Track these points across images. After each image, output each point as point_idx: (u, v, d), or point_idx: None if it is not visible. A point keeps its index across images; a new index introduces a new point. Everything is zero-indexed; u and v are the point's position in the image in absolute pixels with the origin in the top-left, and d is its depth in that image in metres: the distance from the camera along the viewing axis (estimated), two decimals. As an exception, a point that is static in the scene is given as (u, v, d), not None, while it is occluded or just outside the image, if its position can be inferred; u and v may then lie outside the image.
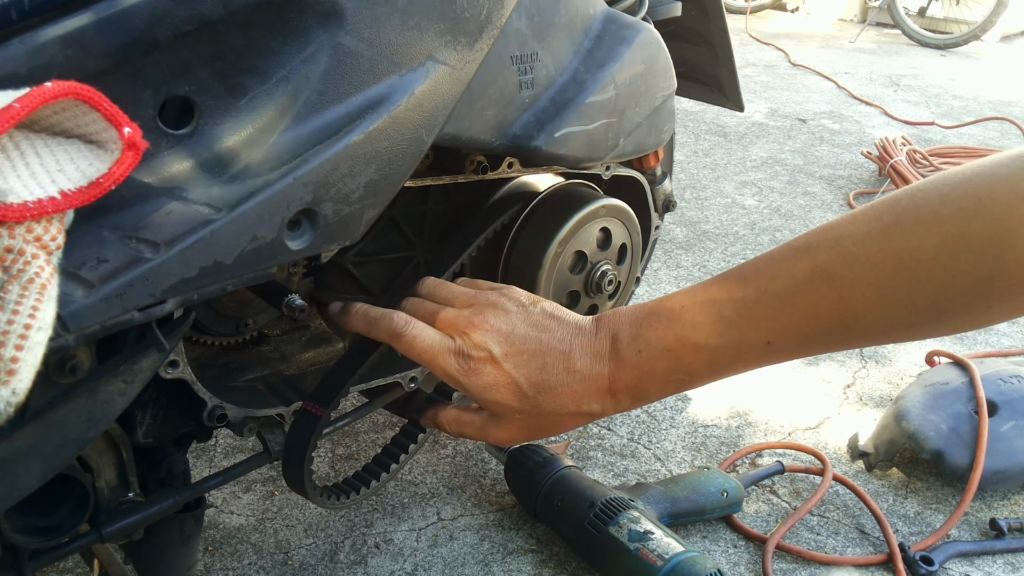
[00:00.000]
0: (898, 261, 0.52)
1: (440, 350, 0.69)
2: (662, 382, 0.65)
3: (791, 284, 0.57)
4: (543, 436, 0.71)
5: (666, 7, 1.12)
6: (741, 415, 1.46)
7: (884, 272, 0.53)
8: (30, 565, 0.72)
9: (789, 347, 0.59)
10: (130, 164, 0.48)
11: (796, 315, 0.57)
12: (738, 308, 0.60)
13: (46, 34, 0.51)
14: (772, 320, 0.58)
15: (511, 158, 0.90)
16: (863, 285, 0.54)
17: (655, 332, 0.64)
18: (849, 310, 0.55)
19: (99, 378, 0.59)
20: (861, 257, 0.54)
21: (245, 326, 0.94)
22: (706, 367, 0.63)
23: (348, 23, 0.62)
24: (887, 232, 0.53)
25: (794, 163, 2.77)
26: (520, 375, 0.67)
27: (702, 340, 0.61)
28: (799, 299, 0.57)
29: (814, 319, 0.57)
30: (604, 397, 0.67)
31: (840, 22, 5.93)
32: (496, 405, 0.68)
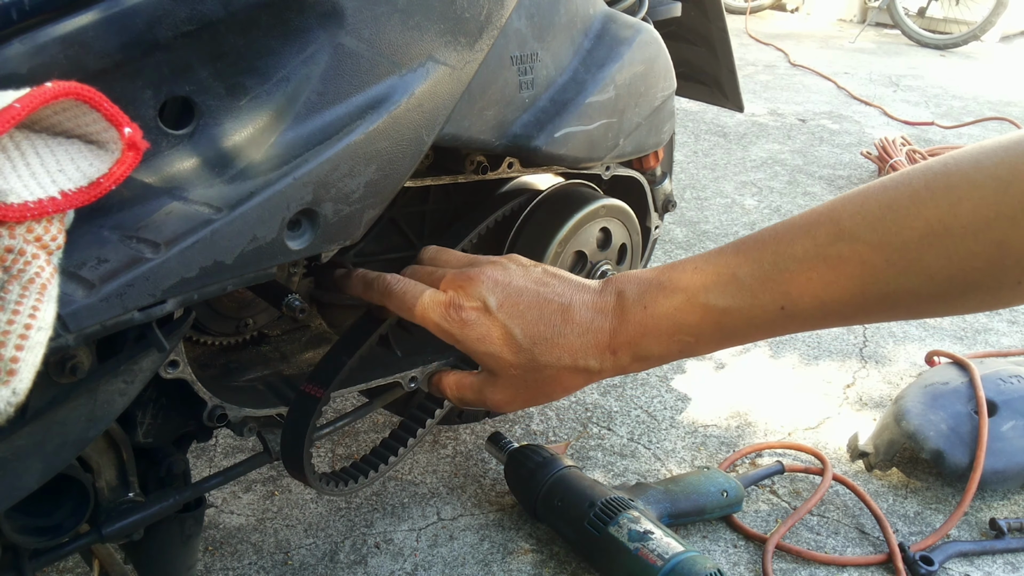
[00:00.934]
0: (927, 227, 0.50)
1: (431, 303, 0.67)
2: (666, 342, 0.62)
3: (812, 248, 0.55)
4: (541, 397, 0.68)
5: (666, 7, 1.12)
6: (741, 415, 1.46)
7: (911, 238, 0.50)
8: (30, 565, 0.72)
9: (804, 315, 0.56)
10: (130, 164, 0.48)
11: (815, 280, 0.54)
12: (753, 270, 0.57)
13: (46, 34, 0.51)
14: (788, 284, 0.56)
15: (511, 158, 0.90)
16: (888, 251, 0.51)
17: (664, 290, 0.62)
18: (871, 277, 0.52)
19: (99, 378, 0.59)
20: (888, 222, 0.51)
21: (245, 326, 0.94)
22: (714, 330, 0.60)
23: (348, 23, 0.62)
24: (917, 197, 0.50)
25: (794, 163, 2.77)
26: (515, 325, 0.65)
27: (713, 300, 0.59)
28: (819, 264, 0.54)
29: (833, 285, 0.54)
30: (603, 353, 0.64)
31: (840, 22, 5.93)
32: (490, 358, 0.66)
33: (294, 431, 0.78)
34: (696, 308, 0.60)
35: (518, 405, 0.69)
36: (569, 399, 1.46)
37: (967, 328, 1.79)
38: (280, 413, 0.83)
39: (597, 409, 1.44)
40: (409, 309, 0.68)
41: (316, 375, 0.79)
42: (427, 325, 0.67)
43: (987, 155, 0.49)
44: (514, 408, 0.70)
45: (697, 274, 0.60)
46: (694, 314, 0.60)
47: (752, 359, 1.63)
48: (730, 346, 0.61)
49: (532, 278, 0.67)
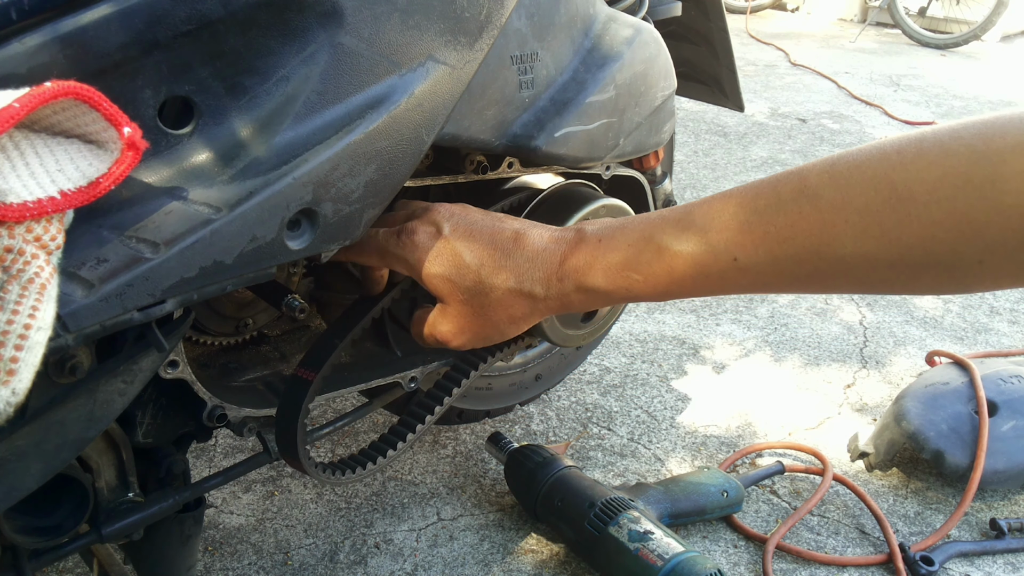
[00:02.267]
0: (891, 190, 0.49)
1: (384, 235, 0.68)
2: (613, 276, 0.62)
3: (774, 201, 0.54)
4: (489, 328, 0.69)
5: (666, 7, 1.12)
6: (741, 415, 1.46)
7: (874, 201, 0.49)
8: (30, 565, 0.72)
9: (756, 269, 0.55)
10: (130, 164, 0.48)
11: (771, 234, 0.54)
12: (713, 218, 0.57)
13: (46, 34, 0.51)
14: (743, 234, 0.55)
15: (511, 158, 0.90)
16: (849, 211, 0.50)
17: (622, 229, 0.62)
18: (829, 237, 0.51)
19: (99, 378, 0.59)
20: (854, 181, 0.51)
21: (245, 326, 0.94)
22: (664, 273, 0.59)
23: (348, 23, 0.62)
24: (886, 159, 0.50)
25: (794, 163, 2.76)
26: (464, 248, 0.66)
27: (667, 242, 0.58)
28: (778, 217, 0.53)
29: (789, 242, 0.53)
30: (550, 279, 0.64)
31: (840, 22, 5.93)
32: (439, 280, 0.67)
33: (287, 416, 0.77)
34: (649, 247, 0.59)
35: (468, 337, 0.69)
36: (569, 399, 1.46)
37: (967, 328, 1.79)
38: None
39: (597, 409, 1.44)
40: (365, 250, 0.69)
41: (308, 359, 0.78)
42: (387, 259, 0.68)
43: (966, 127, 0.49)
44: (465, 342, 0.70)
45: (659, 218, 0.60)
46: (646, 252, 0.60)
47: (752, 359, 1.63)
48: (677, 297, 0.61)
49: (491, 216, 0.69)
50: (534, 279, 0.65)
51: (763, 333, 1.73)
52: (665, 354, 1.63)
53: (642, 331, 1.71)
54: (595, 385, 1.51)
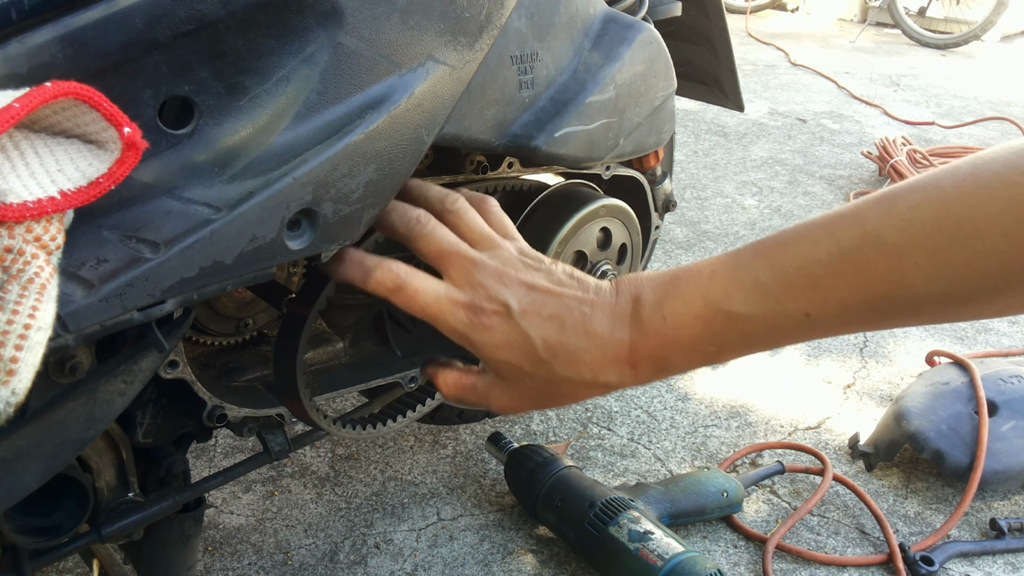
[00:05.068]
0: (956, 228, 0.48)
1: (447, 303, 0.62)
2: (687, 353, 0.59)
3: (836, 251, 0.52)
4: (549, 406, 0.65)
5: (666, 7, 1.12)
6: (741, 415, 1.46)
7: (940, 240, 0.48)
8: (30, 565, 0.72)
9: (829, 320, 0.54)
10: (130, 164, 0.48)
11: (840, 285, 0.52)
12: (777, 275, 0.55)
13: (46, 34, 0.51)
14: (814, 289, 0.53)
15: (511, 158, 0.90)
16: (917, 253, 0.49)
17: (682, 297, 0.58)
18: (899, 281, 0.50)
19: (99, 378, 0.59)
20: (916, 223, 0.50)
21: (245, 326, 0.94)
22: (737, 338, 0.57)
23: (348, 23, 0.62)
24: (945, 197, 0.49)
25: (794, 163, 2.77)
26: (536, 335, 0.60)
27: (735, 308, 0.56)
28: (845, 267, 0.52)
29: (860, 290, 0.52)
30: (623, 367, 0.61)
31: (840, 22, 5.93)
32: (505, 366, 0.62)
33: (284, 354, 0.76)
34: (718, 316, 0.57)
35: (523, 411, 0.66)
36: (569, 399, 1.46)
37: (967, 328, 1.79)
38: (280, 413, 0.83)
39: (597, 409, 1.44)
40: (421, 310, 0.62)
41: (300, 295, 0.78)
42: (440, 327, 0.63)
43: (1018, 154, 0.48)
44: (518, 412, 0.67)
45: (716, 280, 0.57)
46: (717, 323, 0.57)
47: (752, 359, 1.63)
48: (752, 353, 0.59)
49: (554, 280, 0.63)
50: (608, 368, 0.61)
51: (763, 333, 1.73)
52: (665, 354, 1.63)
53: (642, 331, 1.71)
54: (595, 385, 1.51)
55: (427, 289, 0.62)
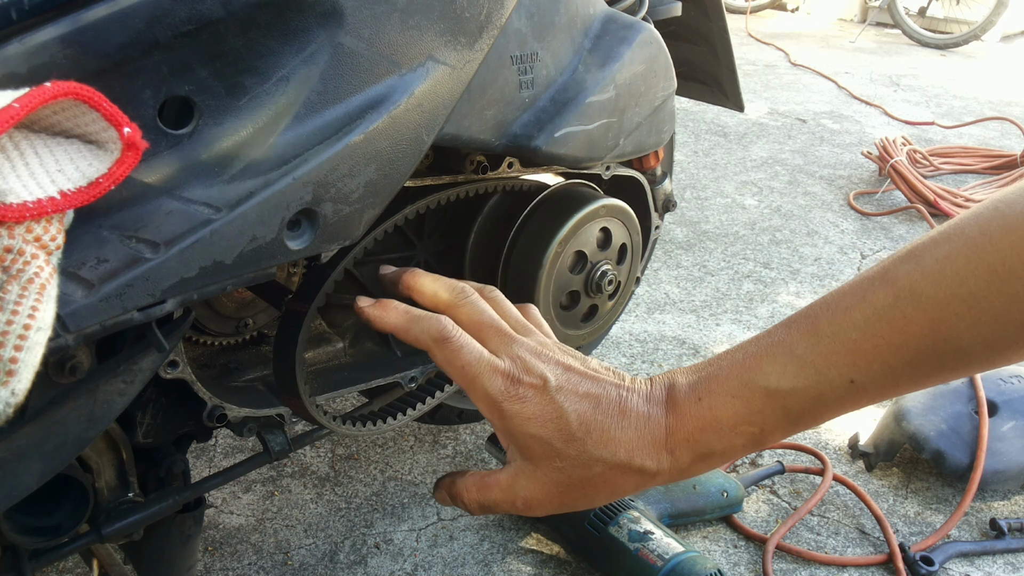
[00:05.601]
0: (991, 273, 0.48)
1: (487, 367, 0.59)
2: (728, 434, 0.56)
3: (871, 313, 0.51)
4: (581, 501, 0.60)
5: (666, 7, 1.12)
6: (741, 415, 1.46)
7: (977, 287, 0.48)
8: (30, 565, 0.72)
9: (876, 384, 0.52)
10: (130, 164, 0.48)
11: (881, 346, 0.51)
12: (813, 344, 0.53)
13: (46, 34, 0.51)
14: (854, 354, 0.52)
15: (511, 158, 0.90)
16: (955, 303, 0.49)
17: (717, 378, 0.56)
18: (941, 334, 0.49)
19: (99, 378, 0.59)
20: (949, 274, 0.49)
21: (245, 326, 0.94)
22: (780, 415, 0.55)
23: (348, 23, 0.62)
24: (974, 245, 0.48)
25: (794, 163, 2.77)
26: (571, 409, 0.58)
27: (774, 383, 0.54)
28: (883, 327, 0.51)
29: (902, 348, 0.51)
30: (660, 451, 0.57)
31: (840, 22, 5.93)
32: (536, 442, 0.58)
33: (283, 350, 0.76)
34: (757, 394, 0.54)
35: (553, 507, 0.60)
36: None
37: (967, 328, 1.79)
38: (280, 413, 0.83)
39: (597, 409, 1.44)
40: (460, 369, 0.59)
41: (299, 292, 0.78)
42: (474, 393, 0.59)
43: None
44: (548, 511, 0.61)
45: (750, 358, 0.55)
46: (755, 400, 0.55)
47: (752, 359, 1.63)
48: (798, 431, 0.56)
49: (589, 367, 0.61)
50: (644, 451, 0.58)
51: (763, 333, 1.73)
52: (665, 354, 1.63)
53: (642, 331, 1.71)
54: (595, 385, 1.51)
55: (471, 348, 0.60)
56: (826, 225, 2.28)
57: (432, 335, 0.60)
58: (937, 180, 2.61)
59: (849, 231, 2.25)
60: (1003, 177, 2.58)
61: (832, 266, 2.04)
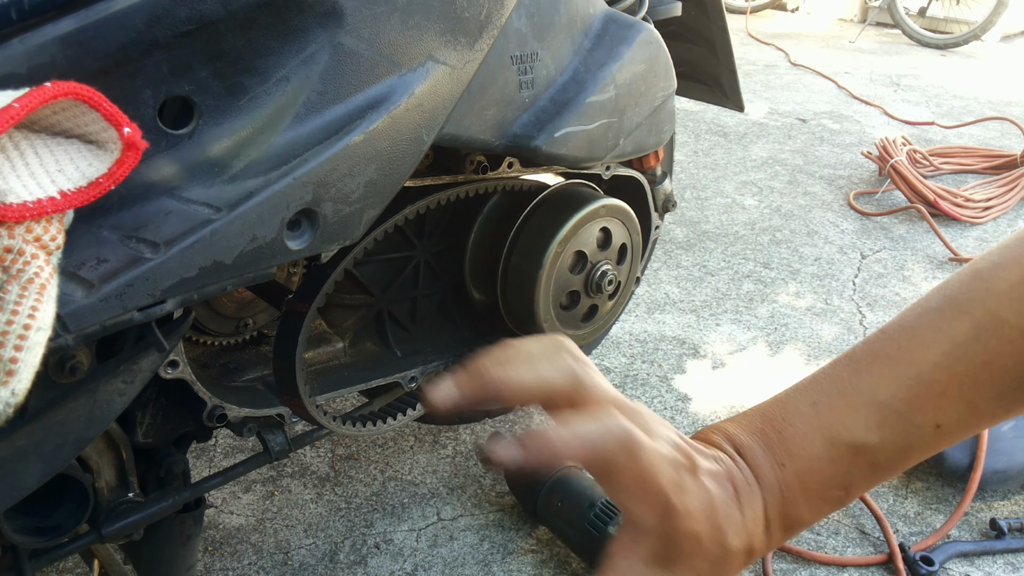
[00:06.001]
0: None
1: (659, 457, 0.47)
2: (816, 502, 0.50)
3: (952, 348, 0.48)
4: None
5: (666, 7, 1.12)
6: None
7: None
8: (30, 565, 0.72)
9: (960, 426, 0.49)
10: (130, 164, 0.48)
11: (968, 384, 0.47)
12: (897, 389, 0.49)
13: (46, 34, 0.51)
14: (940, 396, 0.48)
15: (511, 158, 0.90)
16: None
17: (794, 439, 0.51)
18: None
19: (99, 378, 0.59)
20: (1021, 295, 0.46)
21: (245, 326, 0.94)
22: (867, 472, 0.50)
23: (348, 23, 0.62)
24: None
25: (794, 163, 2.76)
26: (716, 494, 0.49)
27: (861, 438, 0.49)
28: (968, 364, 0.48)
29: (989, 384, 0.47)
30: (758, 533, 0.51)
31: (840, 22, 5.93)
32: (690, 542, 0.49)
33: (284, 350, 0.77)
34: (844, 452, 0.49)
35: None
36: (569, 399, 1.46)
37: (967, 328, 1.79)
38: (280, 413, 0.83)
39: (597, 409, 1.44)
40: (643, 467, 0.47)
41: (299, 292, 0.78)
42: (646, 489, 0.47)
43: None
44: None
45: (825, 411, 0.51)
46: (843, 461, 0.50)
47: (752, 359, 1.63)
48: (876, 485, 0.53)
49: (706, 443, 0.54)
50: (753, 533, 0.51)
51: (763, 333, 1.73)
52: (665, 354, 1.63)
53: (642, 331, 1.71)
54: (595, 385, 1.51)
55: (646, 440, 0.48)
56: (826, 225, 2.28)
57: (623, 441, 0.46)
58: (937, 180, 2.61)
59: (849, 231, 2.25)
60: (1003, 177, 2.58)
61: (832, 266, 2.04)
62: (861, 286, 1.95)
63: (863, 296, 1.91)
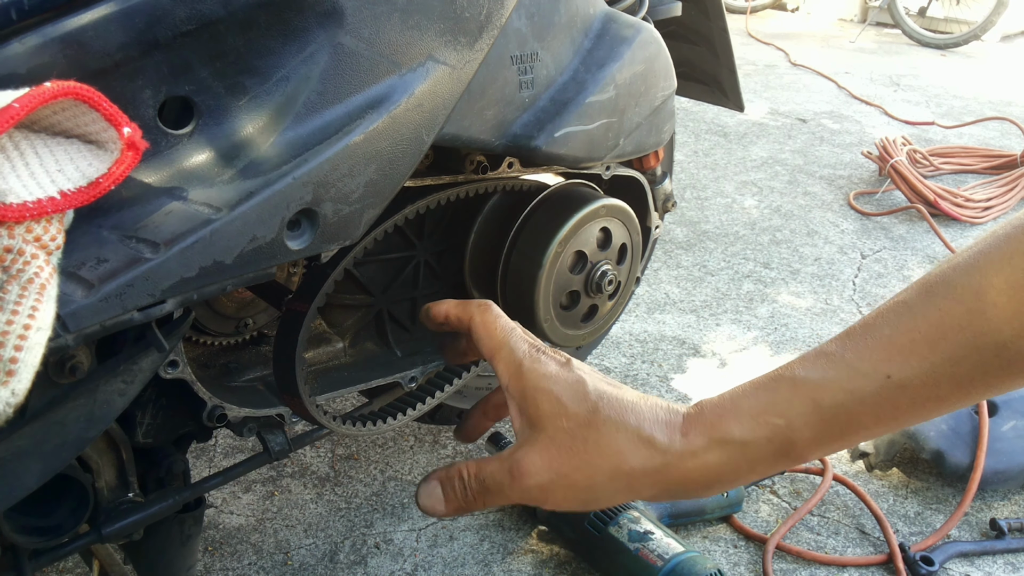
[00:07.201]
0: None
1: (518, 335, 0.59)
2: (749, 423, 0.53)
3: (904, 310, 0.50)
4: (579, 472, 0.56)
5: (666, 7, 1.12)
6: (741, 415, 1.46)
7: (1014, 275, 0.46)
8: (30, 565, 0.72)
9: (915, 381, 0.49)
10: (130, 164, 0.48)
11: (917, 340, 0.49)
12: (843, 342, 0.51)
13: (46, 34, 0.51)
14: (887, 349, 0.50)
15: (511, 158, 0.90)
16: (992, 293, 0.47)
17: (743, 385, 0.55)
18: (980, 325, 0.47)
19: (99, 378, 0.59)
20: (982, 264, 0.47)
21: (245, 326, 0.94)
22: (810, 409, 0.51)
23: (348, 23, 0.62)
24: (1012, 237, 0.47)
25: (794, 163, 2.76)
26: (589, 379, 0.57)
27: (801, 373, 0.52)
28: (918, 322, 0.49)
29: (940, 342, 0.48)
30: (673, 431, 0.54)
31: (840, 22, 5.93)
32: (546, 398, 0.56)
33: (284, 350, 0.77)
34: (782, 384, 0.52)
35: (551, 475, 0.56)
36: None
37: (967, 328, 1.79)
38: (280, 413, 0.83)
39: (597, 409, 1.44)
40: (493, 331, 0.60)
41: (299, 292, 0.78)
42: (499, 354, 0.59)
43: None
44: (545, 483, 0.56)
45: (783, 364, 0.54)
46: (781, 390, 0.52)
47: (753, 358, 1.63)
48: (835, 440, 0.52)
49: None
50: (655, 425, 0.55)
51: (763, 333, 1.73)
52: (665, 354, 1.63)
53: (642, 331, 1.71)
54: (595, 385, 1.51)
55: (507, 320, 0.61)
56: (826, 225, 2.28)
57: (478, 303, 0.61)
58: (937, 180, 2.61)
59: (849, 231, 2.25)
60: (1003, 177, 2.58)
61: (832, 266, 2.04)
62: (861, 286, 1.95)
63: (863, 296, 1.91)
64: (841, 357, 0.51)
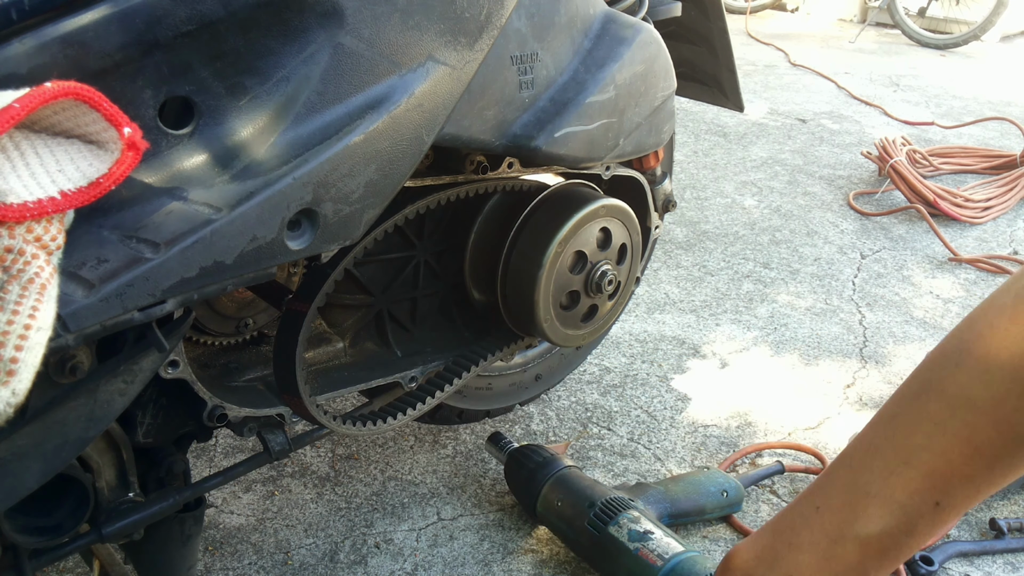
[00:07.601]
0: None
1: None
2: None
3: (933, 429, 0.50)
4: None
5: (666, 7, 1.12)
6: (741, 415, 1.46)
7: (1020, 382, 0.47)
8: (30, 565, 0.72)
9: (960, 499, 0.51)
10: (130, 164, 0.48)
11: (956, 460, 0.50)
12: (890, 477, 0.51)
13: (46, 34, 0.51)
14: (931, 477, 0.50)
15: (511, 158, 0.90)
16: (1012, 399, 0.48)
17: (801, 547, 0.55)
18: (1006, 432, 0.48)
19: (99, 378, 0.59)
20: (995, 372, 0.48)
21: (245, 326, 0.94)
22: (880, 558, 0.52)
23: (348, 23, 0.62)
24: None
25: (794, 163, 2.77)
26: None
27: (864, 531, 0.52)
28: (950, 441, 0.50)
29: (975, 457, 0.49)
30: None
31: (840, 22, 5.93)
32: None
33: (284, 350, 0.77)
34: (849, 547, 0.53)
35: None
36: (569, 399, 1.46)
37: (967, 328, 1.79)
38: (280, 413, 0.83)
39: (597, 409, 1.44)
40: None
41: (299, 292, 0.78)
42: None
43: None
44: None
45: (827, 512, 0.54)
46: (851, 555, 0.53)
47: (753, 359, 1.63)
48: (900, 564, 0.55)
49: None
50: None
51: (763, 333, 1.73)
52: (665, 354, 1.63)
53: (642, 331, 1.71)
54: (595, 385, 1.51)
55: None
56: (826, 225, 2.28)
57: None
58: (937, 180, 2.61)
59: (849, 231, 2.25)
60: (1003, 177, 2.58)
61: (832, 266, 2.04)
62: (861, 286, 1.96)
63: (863, 296, 1.91)
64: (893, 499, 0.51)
